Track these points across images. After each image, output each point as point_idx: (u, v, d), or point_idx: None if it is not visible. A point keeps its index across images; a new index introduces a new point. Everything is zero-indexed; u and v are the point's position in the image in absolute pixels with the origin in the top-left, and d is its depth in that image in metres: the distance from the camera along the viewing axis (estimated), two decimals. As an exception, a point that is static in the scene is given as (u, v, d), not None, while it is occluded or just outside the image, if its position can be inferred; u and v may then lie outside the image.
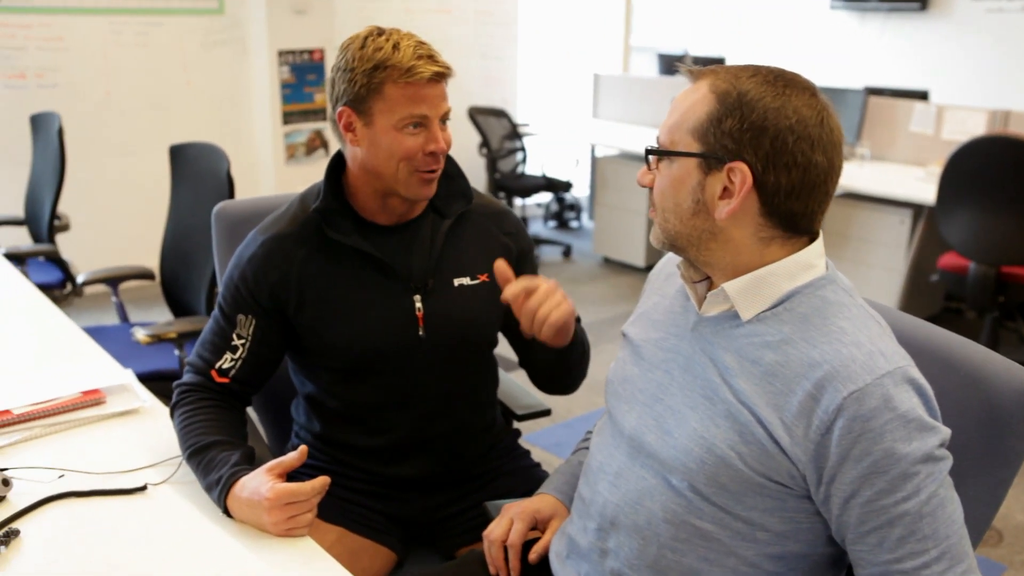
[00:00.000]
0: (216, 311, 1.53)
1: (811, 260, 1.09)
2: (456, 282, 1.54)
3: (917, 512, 0.98)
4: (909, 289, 4.32)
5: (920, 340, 1.19)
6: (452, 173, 1.58)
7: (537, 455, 1.79)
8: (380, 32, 1.42)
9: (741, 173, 1.04)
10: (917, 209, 4.22)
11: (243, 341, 1.49)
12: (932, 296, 4.59)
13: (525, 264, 1.65)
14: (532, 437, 3.35)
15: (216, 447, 1.37)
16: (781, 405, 1.03)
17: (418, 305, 1.51)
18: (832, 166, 1.06)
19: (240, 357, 1.49)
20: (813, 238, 1.10)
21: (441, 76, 1.42)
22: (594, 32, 7.61)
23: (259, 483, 1.27)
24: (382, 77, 1.39)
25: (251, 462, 1.37)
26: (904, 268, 4.29)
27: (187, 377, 1.51)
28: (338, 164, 1.53)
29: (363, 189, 1.50)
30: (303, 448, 1.33)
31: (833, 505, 1.02)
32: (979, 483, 1.12)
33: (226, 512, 1.31)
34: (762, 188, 1.04)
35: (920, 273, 4.30)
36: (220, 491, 1.30)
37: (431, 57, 1.41)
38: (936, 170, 3.92)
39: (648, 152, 1.12)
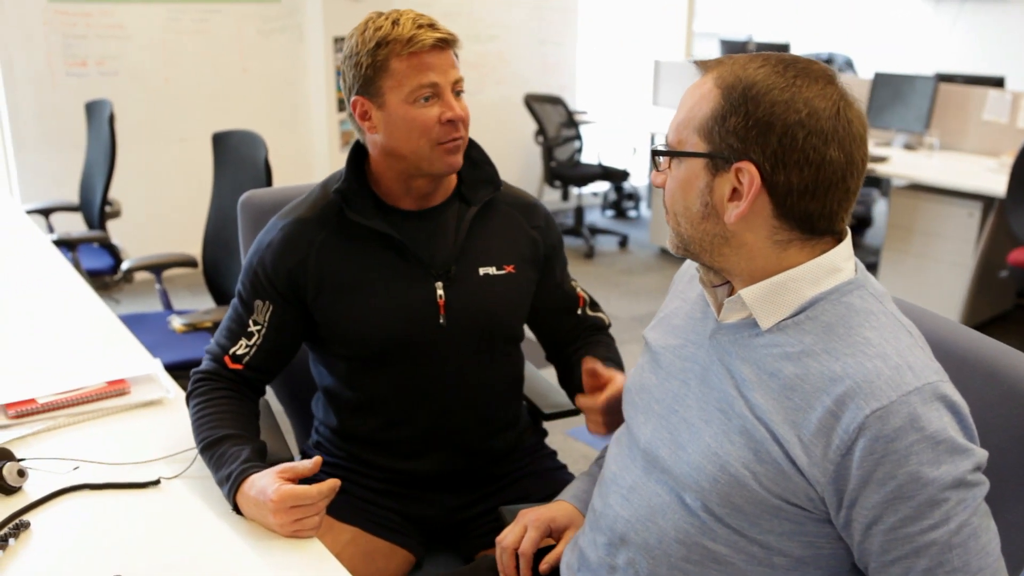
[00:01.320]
0: (235, 298, 1.52)
1: (836, 263, 1.01)
2: (481, 271, 1.50)
3: (946, 542, 0.90)
4: (977, 286, 4.14)
5: (961, 349, 1.11)
6: (478, 160, 1.54)
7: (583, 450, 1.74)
8: (380, 14, 1.41)
9: (749, 173, 0.97)
10: (987, 201, 4.03)
11: (259, 327, 1.47)
12: (1002, 293, 4.40)
13: (553, 260, 1.60)
14: (577, 431, 3.29)
15: (229, 441, 1.35)
16: (799, 422, 0.95)
17: (440, 292, 1.47)
18: (851, 161, 0.97)
19: (255, 343, 1.47)
20: (840, 239, 1.02)
21: (445, 43, 1.38)
22: (656, 17, 7.47)
23: (267, 483, 1.25)
24: (385, 53, 1.37)
25: (263, 458, 1.35)
26: (972, 264, 4.11)
27: (204, 364, 1.50)
28: (359, 152, 1.49)
29: (387, 174, 1.47)
30: (317, 459, 1.29)
31: (854, 531, 0.95)
32: (1022, 506, 1.03)
33: (236, 508, 1.29)
34: (773, 189, 0.97)
35: (989, 269, 4.12)
36: (230, 488, 1.29)
37: (431, 25, 1.38)
38: (1009, 160, 3.74)
39: (654, 152, 1.05)
